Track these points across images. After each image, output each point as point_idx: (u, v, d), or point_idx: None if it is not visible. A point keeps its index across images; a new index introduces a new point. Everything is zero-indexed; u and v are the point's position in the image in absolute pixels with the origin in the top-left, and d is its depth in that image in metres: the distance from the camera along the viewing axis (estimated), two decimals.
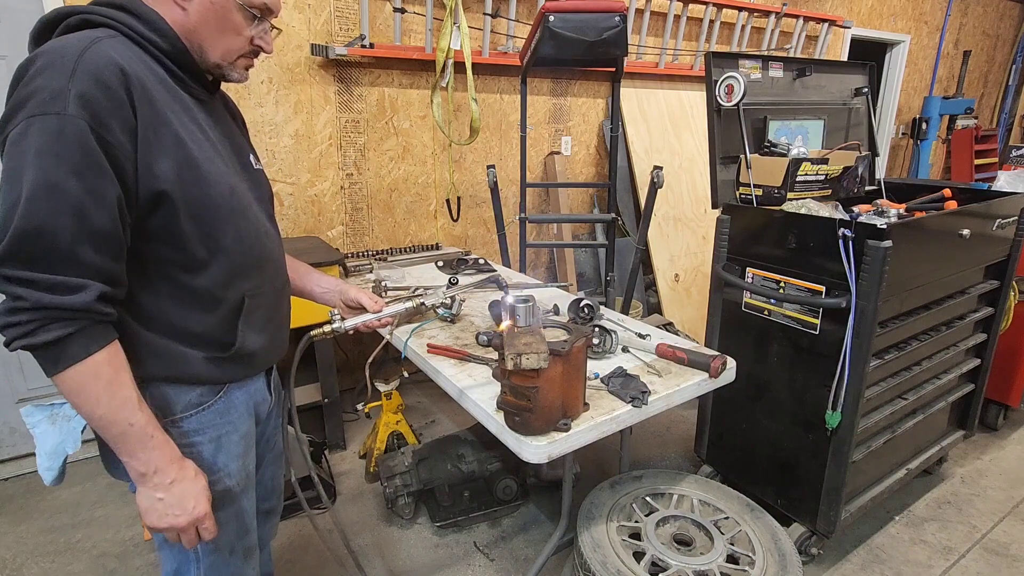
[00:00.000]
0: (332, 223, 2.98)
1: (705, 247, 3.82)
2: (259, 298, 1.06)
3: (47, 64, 0.82)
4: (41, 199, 0.79)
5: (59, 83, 0.80)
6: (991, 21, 6.45)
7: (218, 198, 0.95)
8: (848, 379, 1.70)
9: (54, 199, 0.80)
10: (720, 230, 2.02)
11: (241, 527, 1.12)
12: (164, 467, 0.92)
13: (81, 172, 0.81)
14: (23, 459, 2.51)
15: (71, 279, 0.81)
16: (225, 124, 1.10)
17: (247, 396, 1.10)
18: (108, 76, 0.83)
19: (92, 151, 0.82)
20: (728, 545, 1.46)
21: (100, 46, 0.85)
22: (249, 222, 1.02)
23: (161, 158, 0.88)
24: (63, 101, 0.80)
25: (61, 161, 0.80)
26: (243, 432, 1.10)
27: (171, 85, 0.95)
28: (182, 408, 1.00)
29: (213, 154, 0.98)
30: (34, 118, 0.80)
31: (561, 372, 1.20)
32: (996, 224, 2.06)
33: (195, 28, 0.96)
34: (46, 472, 0.96)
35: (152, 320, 0.95)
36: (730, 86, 2.02)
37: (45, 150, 0.80)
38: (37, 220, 0.79)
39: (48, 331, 0.81)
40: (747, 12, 3.93)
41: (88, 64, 0.82)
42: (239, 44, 1.00)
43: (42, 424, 0.97)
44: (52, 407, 0.98)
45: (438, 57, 2.77)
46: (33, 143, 0.80)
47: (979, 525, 2.19)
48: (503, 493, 2.19)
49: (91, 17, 0.90)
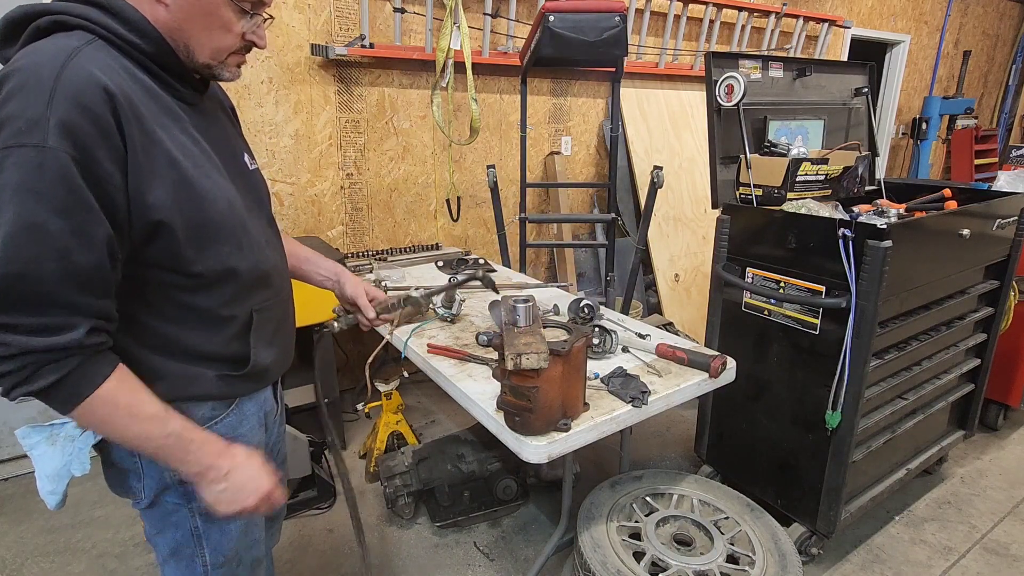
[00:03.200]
0: (332, 223, 2.98)
1: (705, 247, 3.82)
2: (267, 311, 1.03)
3: (19, 86, 0.73)
4: (21, 243, 0.72)
5: (35, 110, 0.72)
6: (991, 21, 6.45)
7: (217, 216, 0.90)
8: (848, 379, 1.70)
9: (35, 242, 0.73)
10: (720, 230, 2.02)
11: (250, 539, 1.11)
12: (214, 462, 0.90)
13: (65, 211, 0.74)
14: (23, 459, 2.51)
15: (56, 320, 0.76)
16: (217, 126, 1.03)
17: (257, 407, 1.09)
18: (91, 99, 0.75)
19: (77, 187, 0.74)
20: (728, 545, 1.46)
21: (78, 61, 0.76)
22: (250, 235, 0.97)
23: (155, 184, 0.82)
24: (42, 131, 0.72)
25: (42, 199, 0.73)
26: (255, 444, 1.08)
27: (157, 93, 0.87)
28: (195, 423, 0.96)
29: (209, 167, 0.91)
30: (9, 149, 0.72)
31: (561, 372, 1.20)
32: (996, 224, 2.06)
33: (179, 26, 0.87)
34: (49, 496, 0.91)
35: (159, 343, 0.91)
36: (730, 86, 2.02)
37: (23, 187, 0.72)
38: (18, 266, 0.73)
39: (43, 375, 0.76)
40: (747, 12, 3.93)
41: (68, 86, 0.74)
42: (229, 41, 0.91)
43: (40, 446, 0.90)
44: (52, 427, 0.92)
45: (438, 57, 2.77)
46: (10, 179, 0.72)
47: (979, 525, 2.19)
48: (503, 493, 2.19)
49: (64, 18, 0.81)
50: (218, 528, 1.04)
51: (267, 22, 1.00)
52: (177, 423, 0.87)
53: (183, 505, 1.00)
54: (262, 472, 0.95)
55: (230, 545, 1.06)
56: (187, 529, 1.02)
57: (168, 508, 1.00)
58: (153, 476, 0.98)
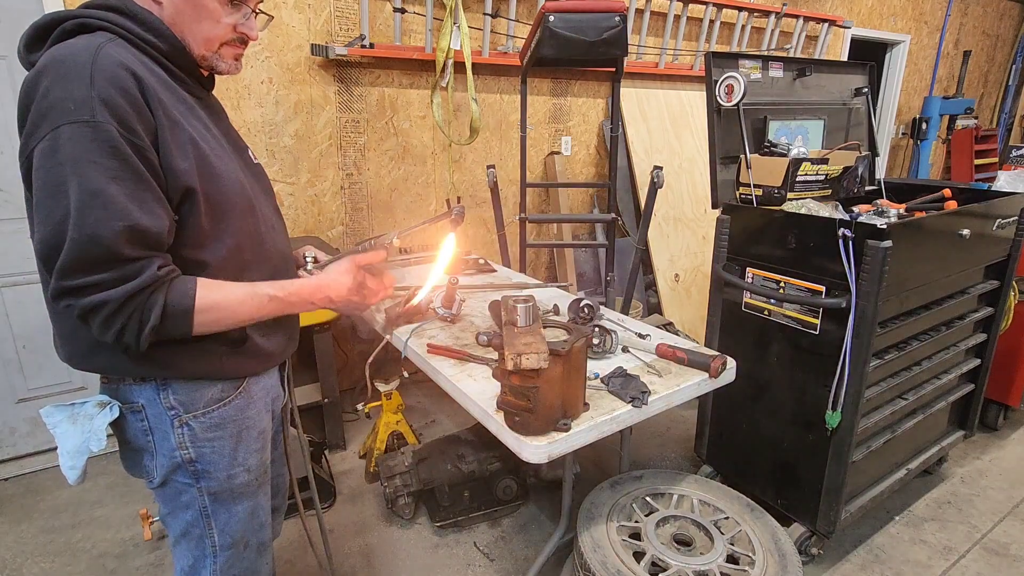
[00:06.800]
0: (332, 223, 2.98)
1: (705, 247, 3.82)
2: None
3: (61, 74, 0.82)
4: (89, 208, 0.81)
5: (81, 91, 0.81)
6: (991, 21, 6.44)
7: (231, 193, 0.98)
8: (848, 379, 1.70)
9: (101, 207, 0.81)
10: (720, 230, 2.02)
11: (256, 522, 1.15)
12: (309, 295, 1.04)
13: (120, 177, 0.83)
14: (23, 459, 2.51)
15: (131, 268, 0.85)
16: (224, 122, 1.12)
17: (264, 391, 1.13)
18: (123, 80, 0.84)
19: (127, 155, 0.84)
20: (728, 545, 1.46)
21: (106, 51, 0.85)
22: (257, 216, 1.05)
23: (180, 157, 0.90)
24: (90, 108, 0.81)
25: (99, 168, 0.81)
26: (261, 428, 1.13)
27: (172, 85, 0.95)
28: (204, 404, 1.02)
29: (220, 151, 1.00)
30: (61, 127, 0.81)
31: (561, 372, 1.20)
32: (996, 224, 2.06)
33: (173, 21, 0.96)
34: (70, 471, 0.98)
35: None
36: (730, 86, 2.02)
37: (82, 158, 0.81)
38: (89, 229, 0.81)
39: (151, 309, 0.86)
40: (747, 12, 3.92)
41: (102, 71, 0.83)
42: (219, 32, 0.99)
43: (63, 424, 0.98)
44: (72, 406, 0.99)
45: (438, 57, 2.77)
46: (68, 153, 0.81)
47: (979, 525, 2.19)
48: (503, 493, 2.19)
49: (88, 21, 0.90)
50: (226, 509, 1.09)
51: (268, 22, 1.08)
52: (265, 287, 0.99)
53: (192, 485, 1.05)
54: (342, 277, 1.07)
55: (238, 527, 1.10)
56: (196, 509, 1.06)
57: (178, 488, 1.05)
58: (165, 455, 1.02)
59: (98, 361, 0.97)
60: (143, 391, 0.99)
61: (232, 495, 1.08)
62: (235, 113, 2.61)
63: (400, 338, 1.76)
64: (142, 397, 0.99)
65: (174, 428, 1.00)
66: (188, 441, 1.01)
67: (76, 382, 2.54)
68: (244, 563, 1.13)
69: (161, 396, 0.99)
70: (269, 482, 1.19)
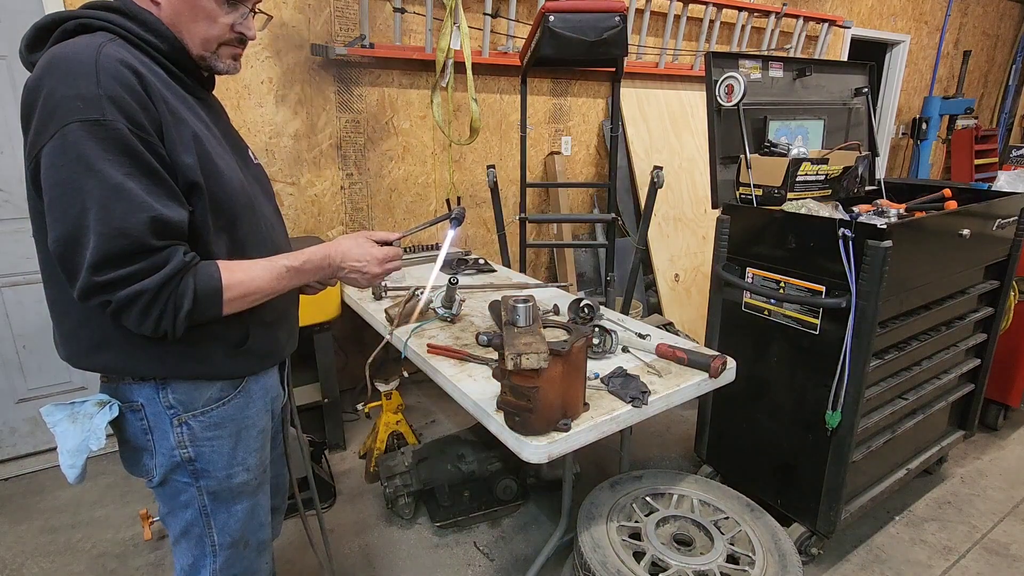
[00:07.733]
0: (332, 223, 2.98)
1: (705, 247, 3.82)
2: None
3: (66, 73, 0.82)
4: (113, 203, 0.82)
5: (89, 90, 0.81)
6: (991, 21, 6.44)
7: (232, 192, 0.98)
8: (848, 379, 1.70)
9: (124, 200, 0.83)
10: (720, 230, 2.02)
11: (256, 521, 1.15)
12: (320, 260, 1.06)
13: (135, 174, 0.84)
14: (23, 459, 2.51)
15: (159, 257, 0.86)
16: (224, 122, 1.12)
17: (264, 391, 1.13)
18: (127, 77, 0.85)
19: (139, 152, 0.84)
20: (728, 545, 1.46)
21: (108, 50, 0.85)
22: (257, 215, 1.05)
23: (185, 153, 0.91)
24: (99, 107, 0.81)
25: (114, 165, 0.82)
26: (261, 427, 1.13)
27: (172, 85, 0.96)
28: (204, 403, 1.02)
29: (221, 150, 1.00)
30: (70, 126, 0.81)
31: (561, 372, 1.20)
32: (996, 224, 2.06)
33: (172, 22, 0.96)
34: (69, 470, 0.99)
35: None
36: (730, 86, 2.02)
37: (97, 156, 0.81)
38: (116, 223, 0.82)
39: (184, 294, 0.88)
40: (747, 12, 3.92)
41: (107, 68, 0.83)
42: (216, 31, 0.99)
43: (63, 423, 0.99)
44: (72, 405, 1.00)
45: (438, 57, 2.77)
46: (80, 152, 0.81)
47: (979, 525, 2.19)
48: (503, 493, 2.19)
49: (88, 21, 0.90)
50: (225, 509, 1.09)
51: (267, 21, 1.08)
52: (280, 259, 1.01)
53: (191, 484, 1.05)
54: (352, 245, 1.09)
55: (237, 526, 1.10)
56: (196, 508, 1.07)
57: (178, 487, 1.05)
58: (164, 454, 1.02)
59: (98, 360, 0.98)
60: (143, 390, 0.99)
61: (231, 494, 1.08)
62: (235, 113, 2.61)
63: (400, 338, 1.76)
64: (141, 396, 1.00)
65: (173, 427, 1.01)
66: (187, 440, 1.02)
67: (76, 382, 2.54)
68: (244, 562, 1.14)
69: (160, 395, 0.99)
70: (268, 481, 1.19)
